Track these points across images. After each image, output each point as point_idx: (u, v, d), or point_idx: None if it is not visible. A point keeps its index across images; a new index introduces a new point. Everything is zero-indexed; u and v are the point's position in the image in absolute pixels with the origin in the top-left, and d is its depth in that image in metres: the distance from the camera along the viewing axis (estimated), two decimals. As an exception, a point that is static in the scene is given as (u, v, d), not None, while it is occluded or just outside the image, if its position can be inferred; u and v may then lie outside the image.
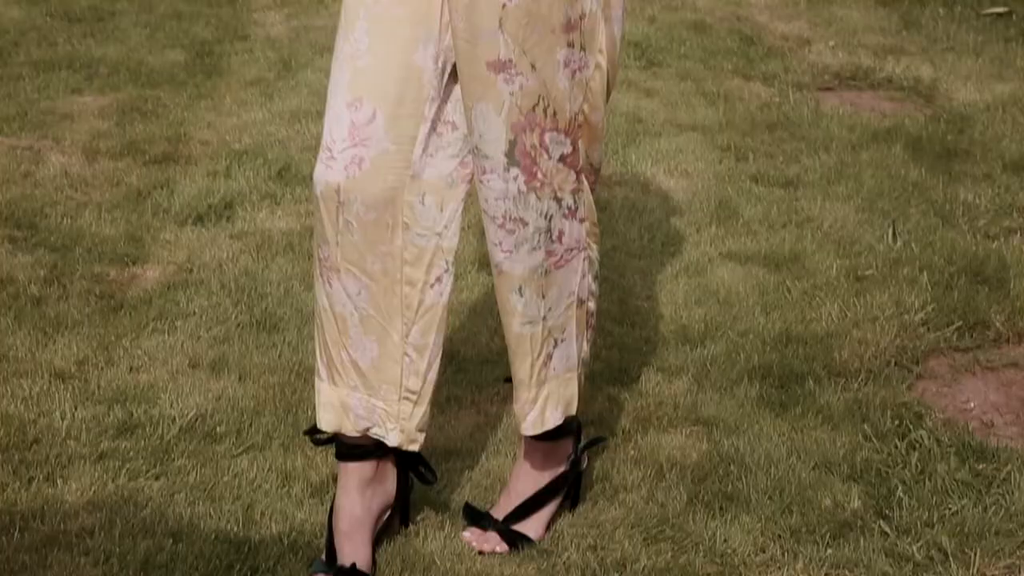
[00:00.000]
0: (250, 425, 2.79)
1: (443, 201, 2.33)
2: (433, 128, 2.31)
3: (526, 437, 2.49)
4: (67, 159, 4.03)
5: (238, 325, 3.17)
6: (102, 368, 2.98)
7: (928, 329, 3.22)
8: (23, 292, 3.27)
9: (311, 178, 2.36)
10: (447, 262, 2.36)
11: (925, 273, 3.45)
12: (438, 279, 2.36)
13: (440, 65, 2.28)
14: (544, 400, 2.43)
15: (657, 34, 5.32)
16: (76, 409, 2.81)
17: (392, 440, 2.40)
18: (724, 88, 4.79)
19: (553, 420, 2.45)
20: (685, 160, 4.18)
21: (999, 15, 5.71)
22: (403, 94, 2.28)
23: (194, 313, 3.22)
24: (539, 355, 2.40)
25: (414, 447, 2.42)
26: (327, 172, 2.30)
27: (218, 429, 2.77)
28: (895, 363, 3.09)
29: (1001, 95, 4.74)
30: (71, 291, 3.29)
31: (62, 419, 2.77)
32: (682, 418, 2.87)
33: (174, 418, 2.79)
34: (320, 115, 2.76)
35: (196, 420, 2.79)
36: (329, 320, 2.38)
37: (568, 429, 2.52)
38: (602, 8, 2.29)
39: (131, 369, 2.99)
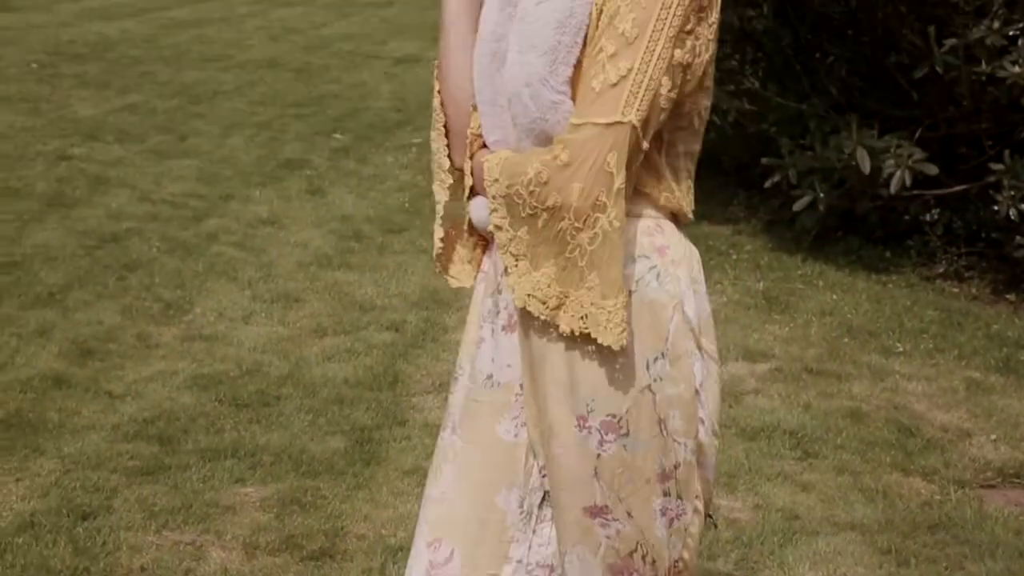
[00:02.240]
0: None
1: None
2: (519, 569, 2.36)
3: None
4: (227, 555, 4.10)
5: None
6: None
7: None
8: None
9: None
10: None
11: None
12: None
13: (526, 508, 2.35)
14: None
15: (813, 423, 5.30)
16: None
17: None
18: (883, 483, 4.72)
19: None
20: (844, 563, 4.10)
21: None
22: (482, 536, 2.36)
23: None
24: None
25: None
26: None
27: None
28: None
29: None
30: None
31: None
32: None
33: None
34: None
35: None
36: None
37: None
38: (696, 456, 2.30)
39: None
